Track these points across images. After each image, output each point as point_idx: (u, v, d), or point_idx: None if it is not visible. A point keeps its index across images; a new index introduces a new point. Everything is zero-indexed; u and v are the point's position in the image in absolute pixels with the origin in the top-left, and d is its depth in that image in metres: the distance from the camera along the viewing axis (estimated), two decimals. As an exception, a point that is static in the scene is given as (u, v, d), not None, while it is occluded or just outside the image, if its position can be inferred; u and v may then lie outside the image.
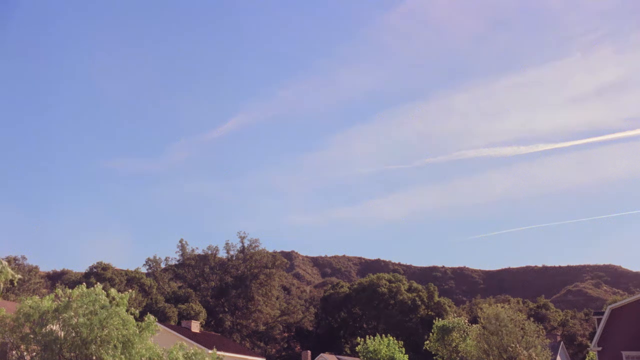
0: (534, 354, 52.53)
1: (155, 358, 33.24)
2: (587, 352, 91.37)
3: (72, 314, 31.78)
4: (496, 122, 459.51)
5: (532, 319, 71.94)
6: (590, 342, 58.59)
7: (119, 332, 32.38)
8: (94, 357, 31.78)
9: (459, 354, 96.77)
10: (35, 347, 32.74)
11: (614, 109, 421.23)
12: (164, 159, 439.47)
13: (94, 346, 31.41)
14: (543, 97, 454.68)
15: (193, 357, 34.85)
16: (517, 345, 55.98)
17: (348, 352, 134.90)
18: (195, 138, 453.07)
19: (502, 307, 70.09)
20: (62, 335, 32.40)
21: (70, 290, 33.95)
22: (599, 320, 59.01)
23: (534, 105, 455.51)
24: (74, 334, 32.18)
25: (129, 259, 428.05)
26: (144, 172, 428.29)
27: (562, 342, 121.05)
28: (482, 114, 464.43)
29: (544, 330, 69.82)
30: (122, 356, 32.12)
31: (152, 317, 36.21)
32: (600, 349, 56.88)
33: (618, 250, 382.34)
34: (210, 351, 37.39)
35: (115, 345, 32.00)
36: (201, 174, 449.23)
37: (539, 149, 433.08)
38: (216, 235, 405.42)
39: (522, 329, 65.28)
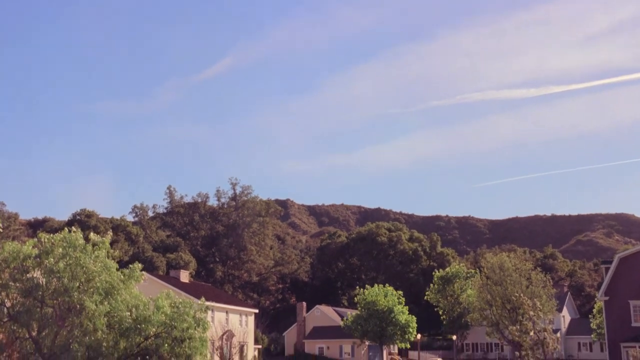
0: (538, 303, 53.59)
1: (140, 306, 33.82)
2: (595, 303, 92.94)
3: (53, 260, 32.19)
4: (504, 63, 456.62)
5: (538, 268, 72.97)
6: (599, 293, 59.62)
7: (102, 279, 32.88)
8: (77, 305, 32.35)
9: (461, 305, 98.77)
10: (16, 294, 33.28)
11: (631, 48, 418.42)
12: (150, 102, 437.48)
13: (76, 293, 31.93)
14: (554, 36, 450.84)
15: (180, 306, 35.40)
16: (521, 295, 57.01)
17: (345, 304, 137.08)
18: (182, 80, 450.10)
19: (507, 256, 71.11)
20: (44, 282, 32.90)
21: (51, 236, 34.33)
22: (607, 269, 59.91)
23: (544, 45, 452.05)
24: (55, 281, 32.68)
25: (114, 207, 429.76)
26: (128, 115, 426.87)
27: (569, 293, 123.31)
28: (489, 55, 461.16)
29: (550, 280, 70.88)
30: (106, 303, 32.70)
31: (137, 265, 36.72)
32: (607, 298, 57.94)
33: (631, 198, 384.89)
34: (199, 301, 38.04)
35: (98, 292, 32.54)
36: (189, 118, 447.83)
37: (549, 92, 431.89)
38: (206, 182, 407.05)
39: (527, 279, 66.41)
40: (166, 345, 33.12)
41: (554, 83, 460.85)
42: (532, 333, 51.36)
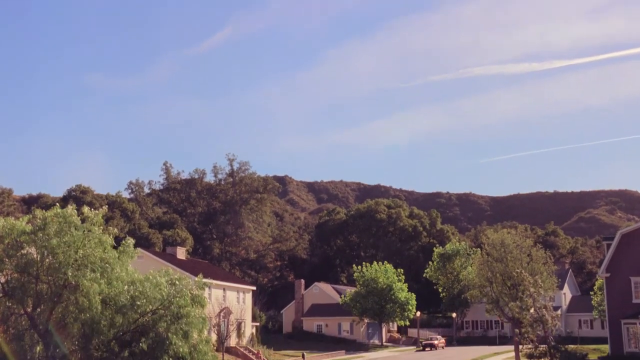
0: (539, 280, 53.90)
1: (137, 283, 33.98)
2: (596, 280, 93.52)
3: (47, 236, 32.28)
4: (507, 36, 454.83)
5: (539, 245, 73.30)
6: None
7: (97, 255, 32.98)
8: (72, 282, 32.50)
9: (461, 283, 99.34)
10: (10, 270, 33.45)
11: (636, 21, 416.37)
12: (146, 76, 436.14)
13: (70, 270, 32.05)
14: (559, 7, 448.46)
15: (177, 282, 35.54)
16: (522, 271, 57.30)
17: (344, 281, 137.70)
18: (178, 53, 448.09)
19: (508, 232, 71.39)
20: (38, 258, 33.04)
21: (45, 212, 34.41)
22: (609, 245, 60.21)
23: (548, 18, 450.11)
24: (50, 258, 32.82)
25: (110, 183, 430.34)
26: (124, 90, 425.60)
27: (570, 270, 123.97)
28: (492, 27, 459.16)
29: (551, 257, 71.19)
30: (102, 280, 32.85)
31: (129, 240, 36.68)
32: (608, 275, 58.31)
33: (635, 175, 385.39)
34: (196, 278, 38.20)
35: (93, 269, 32.66)
36: (186, 92, 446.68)
37: (553, 66, 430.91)
38: (203, 158, 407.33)
39: (528, 255, 66.71)
40: (163, 322, 33.31)
41: (557, 57, 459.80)
42: (532, 310, 51.64)
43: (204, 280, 50.06)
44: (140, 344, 32.90)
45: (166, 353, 32.56)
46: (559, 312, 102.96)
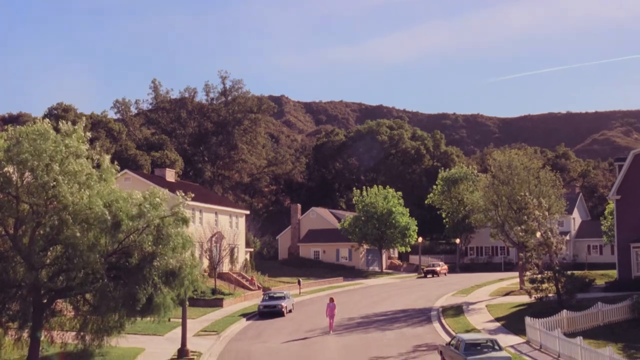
0: (543, 202, 54.36)
1: (120, 201, 34.26)
2: (608, 204, 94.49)
3: (25, 153, 32.38)
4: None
5: (548, 167, 73.69)
6: (613, 194, 60.38)
7: (78, 171, 33.18)
8: (54, 201, 32.85)
9: (465, 207, 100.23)
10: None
11: None
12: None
13: (51, 188, 32.29)
14: None
15: (164, 203, 35.81)
16: (526, 194, 57.80)
17: (343, 206, 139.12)
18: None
19: (515, 153, 71.68)
20: (16, 177, 33.25)
21: (21, 128, 34.44)
22: (621, 167, 60.58)
23: None
24: (29, 175, 33.04)
25: (94, 102, 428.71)
26: (108, 1, 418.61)
27: (581, 194, 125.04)
28: None
29: (560, 179, 71.70)
30: (84, 195, 33.15)
31: (106, 157, 36.63)
32: (619, 197, 58.84)
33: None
34: (187, 200, 38.53)
35: (76, 186, 32.96)
36: (176, 6, 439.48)
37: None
38: (194, 76, 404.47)
39: (536, 177, 67.16)
40: (149, 241, 33.84)
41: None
42: (538, 234, 52.27)
43: (195, 203, 50.85)
44: (128, 261, 33.60)
45: (155, 269, 33.25)
46: (567, 237, 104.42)
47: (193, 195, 39.77)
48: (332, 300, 47.89)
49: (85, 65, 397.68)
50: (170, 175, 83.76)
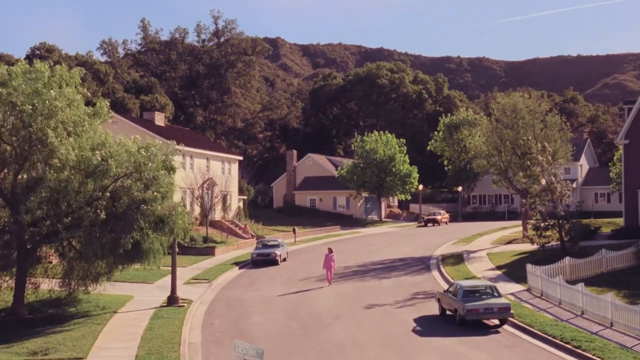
0: (548, 146, 54.42)
1: (107, 145, 34.44)
2: (617, 150, 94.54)
3: (13, 91, 32.39)
4: None
5: (554, 110, 73.36)
6: (622, 139, 60.37)
7: (66, 114, 33.29)
8: (39, 142, 32.97)
9: (468, 154, 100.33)
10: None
11: None
12: None
13: (37, 129, 32.40)
14: None
15: (153, 148, 35.94)
16: (529, 138, 57.76)
17: (341, 153, 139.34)
18: None
19: (520, 96, 71.29)
20: (1, 117, 33.30)
21: (9, 67, 34.40)
22: (630, 110, 60.53)
23: None
24: (14, 116, 33.08)
25: (79, 43, 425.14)
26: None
27: (589, 140, 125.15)
28: None
29: (568, 124, 71.47)
30: (72, 139, 33.31)
31: (103, 101, 37.04)
32: (627, 142, 58.94)
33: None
34: (177, 146, 38.71)
35: (63, 128, 33.10)
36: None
37: None
38: (185, 16, 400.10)
39: (542, 121, 66.94)
40: (136, 187, 34.11)
41: None
42: (543, 181, 52.41)
43: (185, 148, 50.93)
44: (115, 206, 33.86)
45: (143, 215, 33.55)
46: (573, 184, 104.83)
47: (183, 145, 39.85)
48: (330, 250, 46.35)
49: (69, 1, 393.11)
50: (160, 119, 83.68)
